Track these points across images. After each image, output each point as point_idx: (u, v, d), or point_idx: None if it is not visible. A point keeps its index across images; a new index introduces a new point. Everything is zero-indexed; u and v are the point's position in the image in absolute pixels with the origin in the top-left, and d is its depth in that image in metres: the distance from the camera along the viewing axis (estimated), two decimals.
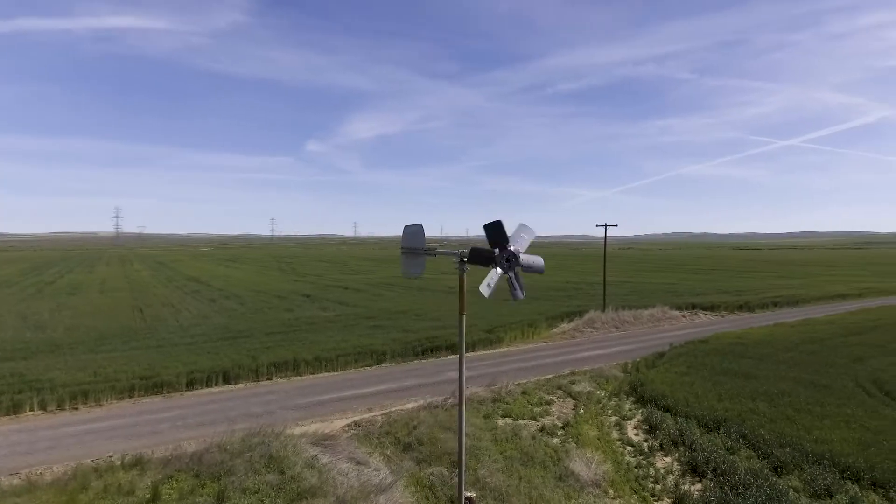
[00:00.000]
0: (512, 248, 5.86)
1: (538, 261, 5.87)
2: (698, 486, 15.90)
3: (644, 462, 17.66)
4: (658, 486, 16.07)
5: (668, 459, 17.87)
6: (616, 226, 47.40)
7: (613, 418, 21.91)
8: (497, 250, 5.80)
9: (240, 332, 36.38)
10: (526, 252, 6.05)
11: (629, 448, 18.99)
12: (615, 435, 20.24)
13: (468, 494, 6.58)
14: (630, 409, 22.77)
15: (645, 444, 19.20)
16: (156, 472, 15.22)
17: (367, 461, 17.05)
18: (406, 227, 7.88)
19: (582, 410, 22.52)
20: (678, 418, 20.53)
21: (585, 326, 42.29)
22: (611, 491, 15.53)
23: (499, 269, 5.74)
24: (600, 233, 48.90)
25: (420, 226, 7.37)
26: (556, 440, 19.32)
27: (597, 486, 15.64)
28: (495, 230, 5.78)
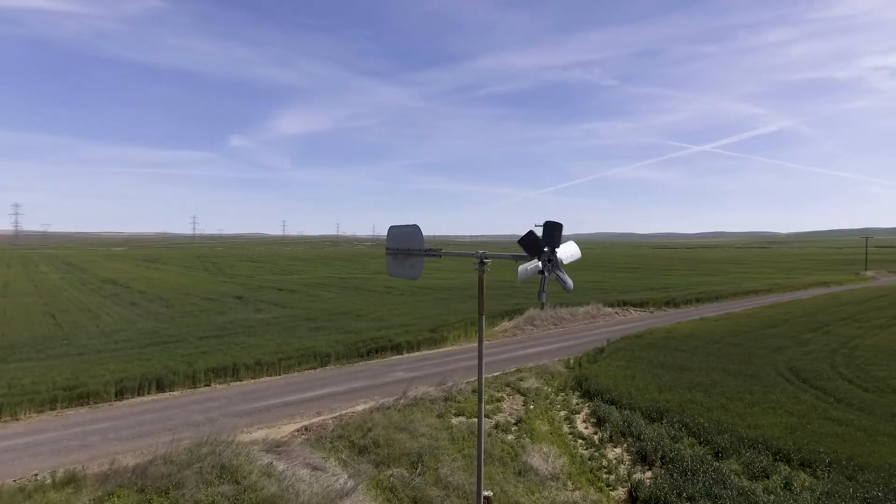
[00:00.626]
0: (558, 254, 5.84)
1: (569, 281, 5.91)
2: (649, 474, 16.62)
3: (596, 454, 18.25)
4: (612, 477, 16.65)
5: (618, 450, 18.55)
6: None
7: (562, 413, 22.50)
8: (546, 248, 5.76)
9: (170, 337, 34.32)
10: (563, 267, 6.07)
11: (581, 441, 19.56)
12: (566, 429, 20.79)
13: (486, 493, 6.50)
14: (577, 404, 23.48)
15: (595, 436, 19.85)
16: (94, 490, 14.01)
17: (324, 466, 16.54)
18: (392, 227, 7.67)
19: (532, 406, 22.98)
20: (623, 410, 21.40)
21: (526, 324, 43.22)
22: (569, 483, 15.92)
23: (539, 264, 5.69)
24: (518, 233, 49.99)
25: (416, 226, 7.22)
26: (510, 436, 19.58)
27: (556, 479, 15.99)
28: (553, 230, 5.75)
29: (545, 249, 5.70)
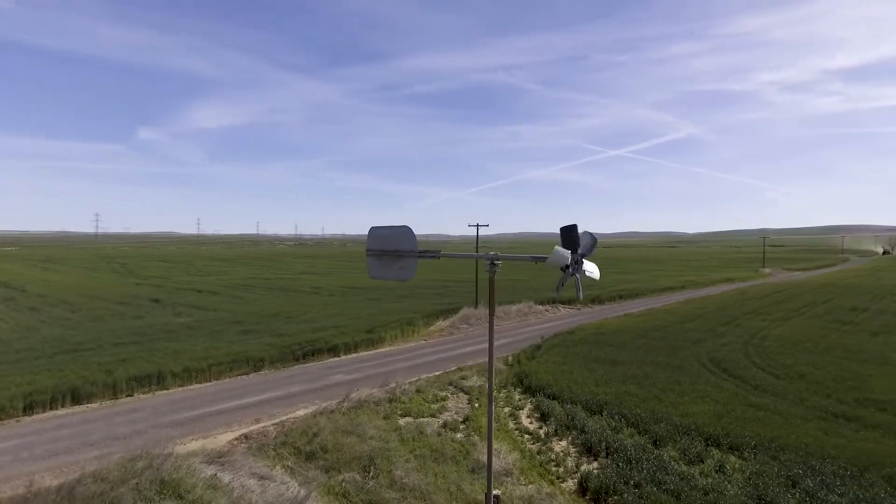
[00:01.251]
0: (580, 253, 5.86)
1: (595, 271, 5.98)
2: (595, 464, 17.22)
3: (544, 448, 18.67)
4: (561, 469, 17.11)
5: (563, 443, 19.09)
6: (487, 225, 49.51)
7: (507, 409, 22.85)
8: (580, 251, 5.75)
9: (81, 345, 31.53)
10: (588, 258, 6.10)
11: (527, 436, 19.95)
12: (512, 425, 21.12)
13: (496, 492, 6.40)
14: (520, 400, 23.93)
15: (540, 431, 20.32)
16: None
17: (271, 475, 15.80)
18: (374, 228, 7.41)
19: (477, 404, 23.15)
20: (565, 405, 22.06)
21: (461, 323, 43.59)
22: (522, 478, 16.17)
23: (569, 260, 5.68)
24: (456, 232, 50.95)
25: (407, 227, 7.01)
26: (459, 435, 19.62)
27: (509, 474, 16.18)
28: (570, 234, 5.74)
29: (580, 252, 5.74)
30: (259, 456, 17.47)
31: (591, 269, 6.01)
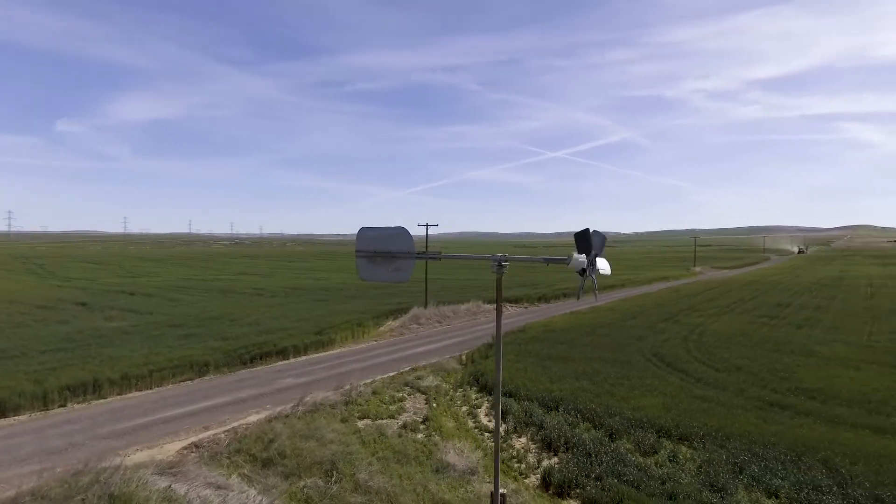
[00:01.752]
0: (598, 263, 5.96)
1: (607, 267, 6.10)
2: (556, 459, 17.57)
3: (504, 445, 18.86)
4: (523, 465, 17.36)
5: (523, 440, 19.37)
6: (437, 225, 49.57)
7: (464, 408, 22.95)
8: (594, 252, 5.83)
9: (3, 352, 29.09)
10: (601, 256, 6.20)
11: (487, 434, 20.12)
12: (471, 423, 21.24)
13: (502, 491, 6.36)
14: (477, 398, 24.09)
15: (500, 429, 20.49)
16: None
17: (228, 484, 15.11)
18: (364, 228, 7.23)
19: (435, 404, 23.11)
20: (522, 402, 22.38)
21: (411, 323, 43.40)
22: (486, 476, 16.26)
23: (585, 263, 5.75)
24: None
25: (403, 228, 6.88)
26: (420, 435, 19.51)
27: (473, 472, 16.24)
28: (584, 238, 5.81)
29: (594, 253, 5.84)
30: (213, 465, 16.69)
31: (603, 266, 6.12)
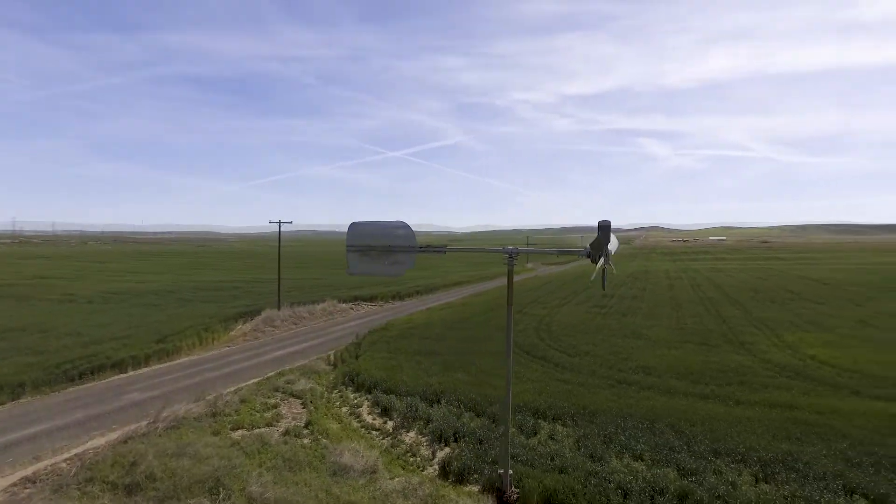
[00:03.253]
0: (609, 247, 6.16)
1: (614, 248, 6.39)
2: (448, 450, 17.91)
3: (395, 441, 18.75)
4: (418, 458, 17.41)
5: (412, 434, 19.40)
6: (291, 222, 47.31)
7: (345, 409, 22.28)
8: (604, 244, 6.00)
9: None
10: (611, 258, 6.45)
11: (375, 432, 19.78)
12: (356, 423, 20.69)
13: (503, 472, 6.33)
14: (356, 398, 23.53)
15: (386, 425, 20.31)
16: None
17: None
18: (355, 223, 6.78)
19: (313, 407, 22.07)
20: (403, 398, 22.41)
21: (265, 325, 40.84)
22: (387, 473, 16.00)
23: (602, 262, 5.93)
24: (228, 226, 48.11)
25: (403, 222, 6.56)
26: (306, 440, 18.50)
27: (374, 471, 15.86)
28: (606, 231, 5.96)
29: (607, 246, 6.10)
30: (61, 499, 14.03)
31: (615, 245, 6.46)
